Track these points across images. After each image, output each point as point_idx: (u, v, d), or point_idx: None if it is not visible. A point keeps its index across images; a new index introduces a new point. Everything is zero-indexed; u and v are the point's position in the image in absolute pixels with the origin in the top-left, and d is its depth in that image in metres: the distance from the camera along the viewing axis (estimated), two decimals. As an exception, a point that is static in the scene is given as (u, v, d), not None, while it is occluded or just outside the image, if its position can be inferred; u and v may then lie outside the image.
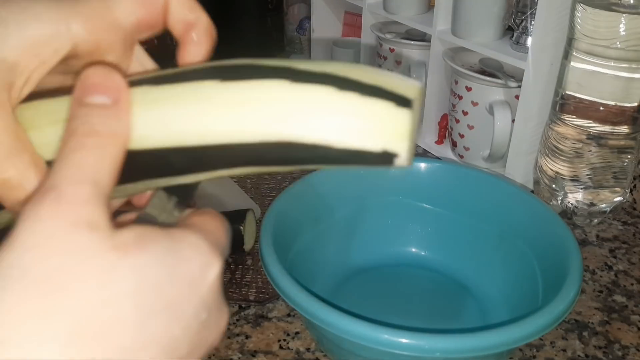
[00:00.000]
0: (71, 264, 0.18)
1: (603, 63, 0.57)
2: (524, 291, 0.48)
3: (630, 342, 0.50)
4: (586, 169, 0.62)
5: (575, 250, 0.44)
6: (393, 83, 0.21)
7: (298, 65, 0.21)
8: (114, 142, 0.21)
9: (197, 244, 0.21)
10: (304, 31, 1.13)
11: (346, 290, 0.54)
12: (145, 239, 0.19)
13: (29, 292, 0.17)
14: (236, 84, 0.21)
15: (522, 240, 0.50)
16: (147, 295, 0.19)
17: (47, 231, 0.18)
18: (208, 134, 0.21)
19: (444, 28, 0.75)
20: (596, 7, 0.56)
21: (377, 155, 0.20)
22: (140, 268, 0.19)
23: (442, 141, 0.83)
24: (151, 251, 0.19)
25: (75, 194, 0.19)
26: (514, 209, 0.52)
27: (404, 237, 0.58)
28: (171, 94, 0.21)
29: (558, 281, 0.41)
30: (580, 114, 0.61)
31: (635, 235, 0.65)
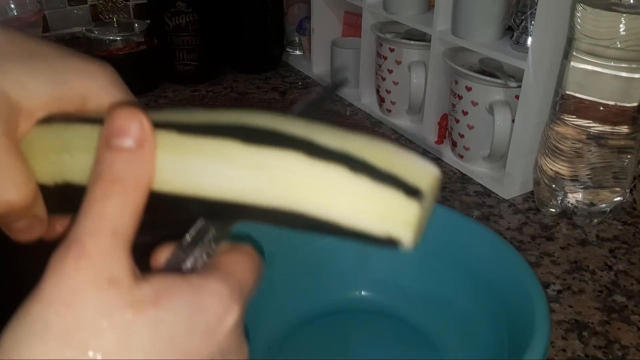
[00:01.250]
0: (90, 320, 0.19)
1: (603, 63, 0.57)
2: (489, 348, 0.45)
3: (630, 342, 0.50)
4: (586, 169, 0.62)
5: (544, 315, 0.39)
6: (408, 169, 0.21)
7: (318, 139, 0.22)
8: (137, 189, 0.22)
9: (218, 292, 0.22)
10: (304, 31, 1.13)
11: (295, 341, 0.49)
12: (164, 294, 0.20)
13: (51, 344, 0.19)
14: (257, 148, 0.22)
15: (494, 294, 0.46)
16: (163, 349, 0.20)
17: (70, 286, 0.19)
18: (225, 190, 0.22)
19: (444, 28, 0.76)
20: (596, 7, 0.56)
21: (381, 239, 0.21)
22: (155, 324, 0.20)
23: (442, 141, 0.83)
24: (168, 306, 0.20)
25: (96, 246, 0.20)
26: (488, 257, 0.46)
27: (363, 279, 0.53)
28: (196, 145, 0.22)
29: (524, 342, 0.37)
30: (580, 114, 0.61)
31: (635, 235, 0.65)
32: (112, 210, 0.21)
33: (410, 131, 0.87)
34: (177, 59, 1.03)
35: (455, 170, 0.78)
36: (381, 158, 0.21)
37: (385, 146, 0.22)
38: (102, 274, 0.20)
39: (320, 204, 0.21)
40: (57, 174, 0.25)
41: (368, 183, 0.21)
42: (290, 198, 0.21)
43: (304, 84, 1.08)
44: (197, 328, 0.21)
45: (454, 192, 0.73)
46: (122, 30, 1.02)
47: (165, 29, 1.00)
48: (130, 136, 0.22)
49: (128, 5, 1.16)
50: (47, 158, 0.25)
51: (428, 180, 0.22)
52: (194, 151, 0.22)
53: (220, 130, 0.23)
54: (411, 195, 0.21)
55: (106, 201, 0.21)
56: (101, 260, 0.20)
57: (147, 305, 0.20)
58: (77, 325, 0.19)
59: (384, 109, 0.92)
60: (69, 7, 1.12)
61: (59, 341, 0.19)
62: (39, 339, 0.19)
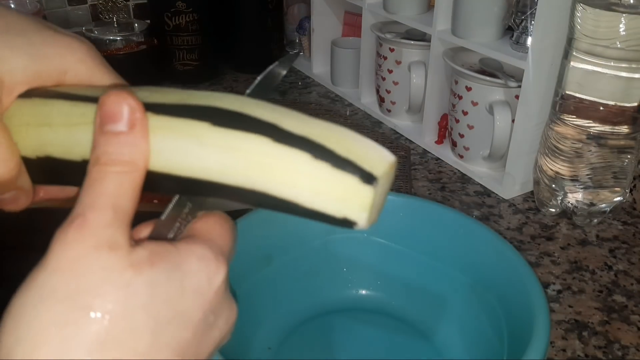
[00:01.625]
0: (92, 283, 0.20)
1: (603, 63, 0.57)
2: (490, 348, 0.44)
3: (630, 342, 0.50)
4: (586, 169, 0.62)
5: (544, 315, 0.39)
6: (366, 156, 0.23)
7: (283, 124, 0.23)
8: (132, 168, 0.23)
9: (203, 255, 0.23)
10: (304, 31, 1.13)
11: (294, 341, 0.49)
12: (156, 257, 0.22)
13: (57, 308, 0.20)
14: (225, 131, 0.23)
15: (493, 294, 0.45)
16: (159, 306, 0.21)
17: (73, 254, 0.21)
18: (195, 169, 0.24)
19: (444, 28, 0.76)
20: (596, 7, 0.56)
21: (338, 220, 0.23)
22: (152, 283, 0.21)
23: (442, 141, 0.83)
24: (161, 267, 0.22)
25: (97, 219, 0.21)
26: (488, 258, 0.46)
27: (362, 278, 0.53)
28: (170, 126, 0.24)
29: (523, 343, 0.38)
30: (580, 113, 0.61)
31: (635, 235, 0.65)
32: (111, 188, 0.22)
33: (410, 131, 0.87)
34: (177, 59, 1.03)
35: (455, 170, 0.78)
36: (341, 144, 0.23)
37: (345, 132, 0.24)
38: (102, 241, 0.21)
39: (283, 186, 0.23)
40: (38, 148, 0.26)
41: (328, 168, 0.23)
42: (255, 179, 0.23)
43: (304, 84, 1.08)
44: (189, 288, 0.22)
45: (454, 192, 0.73)
46: (122, 30, 1.02)
47: (165, 29, 1.00)
48: (121, 120, 0.23)
49: (128, 5, 1.16)
50: (28, 132, 0.26)
51: (383, 167, 0.23)
52: (168, 132, 0.24)
53: (192, 111, 0.24)
54: (366, 180, 0.23)
55: (105, 181, 0.22)
56: (102, 230, 0.21)
57: (144, 266, 0.21)
58: (80, 289, 0.20)
59: (384, 109, 0.92)
60: (69, 7, 1.12)
61: (64, 305, 0.20)
62: (45, 303, 0.20)
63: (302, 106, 0.95)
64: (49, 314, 0.20)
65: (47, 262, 0.21)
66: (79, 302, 0.20)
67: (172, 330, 0.22)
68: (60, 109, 0.25)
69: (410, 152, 0.83)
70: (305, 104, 0.96)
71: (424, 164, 0.80)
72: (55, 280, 0.20)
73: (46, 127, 0.25)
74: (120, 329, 0.20)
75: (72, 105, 0.25)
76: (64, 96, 0.26)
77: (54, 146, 0.26)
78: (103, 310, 0.20)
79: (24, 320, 0.20)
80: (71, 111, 0.25)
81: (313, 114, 0.25)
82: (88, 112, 0.25)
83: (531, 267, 0.43)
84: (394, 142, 0.85)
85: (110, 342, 0.20)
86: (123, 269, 0.21)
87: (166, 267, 0.22)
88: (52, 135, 0.25)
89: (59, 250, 0.21)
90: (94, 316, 0.20)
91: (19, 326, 0.20)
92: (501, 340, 0.43)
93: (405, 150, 0.83)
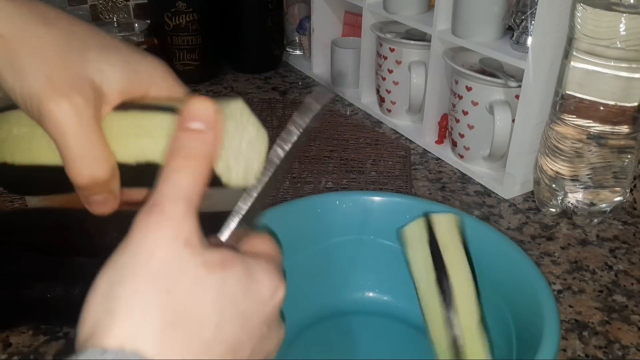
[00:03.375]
0: (170, 270, 0.23)
1: (603, 63, 0.57)
2: (497, 350, 0.43)
3: (631, 342, 0.50)
4: (586, 169, 0.62)
5: (553, 314, 0.39)
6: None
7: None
8: (206, 163, 0.26)
9: (269, 270, 0.27)
10: (304, 31, 1.13)
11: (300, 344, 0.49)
12: (228, 262, 0.25)
13: (139, 287, 0.23)
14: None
15: (499, 295, 0.45)
16: (225, 304, 0.24)
17: (154, 240, 0.24)
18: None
19: (444, 28, 0.76)
20: (596, 7, 0.56)
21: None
22: (222, 283, 0.24)
23: (442, 141, 0.83)
24: (231, 272, 0.25)
25: (174, 210, 0.24)
26: (494, 259, 0.46)
27: (367, 281, 0.53)
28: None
29: (533, 343, 0.37)
30: (580, 113, 0.61)
31: (635, 235, 0.65)
32: (186, 181, 0.25)
33: (411, 131, 0.87)
34: (177, 59, 1.03)
35: (455, 170, 0.78)
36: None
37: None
38: (179, 235, 0.24)
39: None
40: (139, 154, 0.29)
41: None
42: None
43: (304, 84, 1.08)
44: (253, 296, 0.25)
45: (454, 191, 0.73)
46: (122, 30, 1.02)
47: (165, 28, 1.00)
48: (202, 120, 0.26)
49: (128, 5, 1.16)
50: (128, 140, 0.29)
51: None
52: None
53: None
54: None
55: (182, 173, 0.25)
56: (179, 223, 0.24)
57: (216, 268, 0.24)
58: (159, 273, 0.23)
59: (384, 109, 0.92)
60: (69, 7, 1.12)
61: (146, 284, 0.23)
62: (128, 282, 0.23)
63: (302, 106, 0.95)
64: (133, 291, 0.23)
65: (129, 245, 0.24)
66: (158, 285, 0.23)
67: (233, 328, 0.24)
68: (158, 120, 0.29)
69: (411, 152, 0.83)
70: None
71: (424, 164, 0.80)
72: (137, 262, 0.23)
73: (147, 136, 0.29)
74: (190, 316, 0.23)
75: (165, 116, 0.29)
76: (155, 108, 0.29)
77: (154, 153, 0.29)
78: (178, 296, 0.23)
79: (110, 296, 0.23)
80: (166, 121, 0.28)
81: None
82: None
83: (538, 268, 0.42)
84: (394, 142, 0.85)
85: (180, 324, 0.23)
86: (197, 266, 0.24)
87: (235, 273, 0.25)
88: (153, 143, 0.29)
89: (141, 234, 0.24)
90: (171, 299, 0.23)
91: (106, 300, 0.23)
92: (509, 342, 0.42)
93: (405, 150, 0.83)
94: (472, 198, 0.72)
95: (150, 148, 0.29)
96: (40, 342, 0.50)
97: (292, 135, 0.30)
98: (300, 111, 0.30)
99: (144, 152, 0.29)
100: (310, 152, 0.82)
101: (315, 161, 0.79)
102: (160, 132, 0.29)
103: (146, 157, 0.29)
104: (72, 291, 0.48)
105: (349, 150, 0.82)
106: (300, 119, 0.30)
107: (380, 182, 0.75)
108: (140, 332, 0.22)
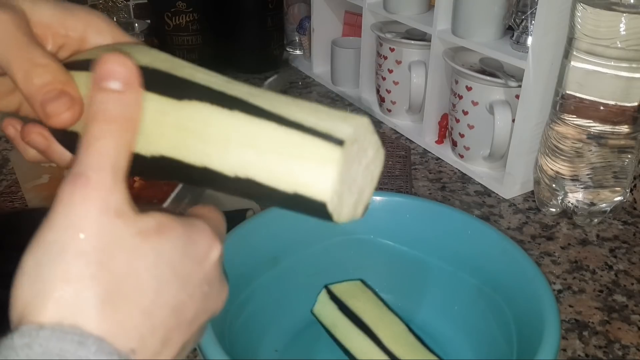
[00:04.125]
0: (103, 243, 0.22)
1: (603, 63, 0.57)
2: (498, 350, 0.44)
3: (631, 341, 0.50)
4: (586, 169, 0.62)
5: (553, 313, 0.39)
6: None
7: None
8: (129, 127, 0.24)
9: (204, 229, 0.26)
10: (304, 31, 1.13)
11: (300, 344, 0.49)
12: (164, 226, 0.24)
13: (69, 264, 0.22)
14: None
15: (500, 295, 0.45)
16: (162, 269, 0.23)
17: (81, 213, 0.22)
18: (183, 152, 0.25)
19: (444, 28, 0.76)
20: (596, 7, 0.56)
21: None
22: (157, 249, 0.23)
23: (442, 141, 0.83)
24: (168, 235, 0.24)
25: (100, 180, 0.23)
26: (495, 259, 0.46)
27: (368, 281, 0.52)
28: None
29: (534, 342, 0.38)
30: (580, 113, 0.61)
31: (635, 235, 0.65)
32: (110, 147, 0.23)
33: (411, 131, 0.87)
34: (177, 59, 1.03)
35: (455, 170, 0.78)
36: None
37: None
38: (109, 206, 0.22)
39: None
40: (173, 149, 0.27)
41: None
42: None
43: (304, 84, 1.08)
44: (190, 257, 0.25)
45: (454, 191, 0.73)
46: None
47: (166, 28, 1.00)
48: (118, 79, 0.24)
49: (128, 5, 1.16)
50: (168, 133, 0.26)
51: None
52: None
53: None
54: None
55: (104, 139, 0.23)
56: (106, 193, 0.23)
57: (151, 234, 0.23)
58: (91, 247, 0.22)
59: (384, 109, 0.92)
60: (69, 7, 1.12)
61: (77, 261, 0.22)
62: (58, 260, 0.22)
63: (302, 106, 0.95)
64: (64, 269, 0.21)
65: (54, 221, 0.22)
66: (91, 260, 0.22)
67: (172, 290, 0.24)
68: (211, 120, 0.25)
69: (411, 151, 0.83)
70: (305, 104, 0.96)
71: (424, 164, 0.80)
72: (66, 239, 0.22)
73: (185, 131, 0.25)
74: (127, 286, 0.22)
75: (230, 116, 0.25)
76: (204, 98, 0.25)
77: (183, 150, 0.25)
78: (113, 268, 0.22)
79: (40, 276, 0.22)
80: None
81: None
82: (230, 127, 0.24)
83: (539, 268, 0.43)
84: (394, 142, 0.85)
85: (118, 297, 0.22)
86: (131, 235, 0.23)
87: (171, 236, 0.24)
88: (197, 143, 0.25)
89: (66, 209, 0.22)
90: (106, 272, 0.22)
91: (36, 281, 0.22)
92: (509, 341, 0.42)
93: (405, 150, 0.83)
94: (472, 198, 0.72)
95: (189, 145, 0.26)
96: (41, 342, 0.50)
97: None
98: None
99: (176, 147, 0.26)
100: (311, 152, 0.82)
101: (315, 161, 0.79)
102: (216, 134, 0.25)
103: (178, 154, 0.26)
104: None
105: (349, 150, 0.82)
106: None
107: (380, 182, 0.75)
108: (77, 308, 0.21)
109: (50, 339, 0.20)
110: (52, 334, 0.20)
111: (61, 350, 0.20)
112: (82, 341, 0.21)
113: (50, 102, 0.26)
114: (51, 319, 0.21)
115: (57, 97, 0.26)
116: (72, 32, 0.29)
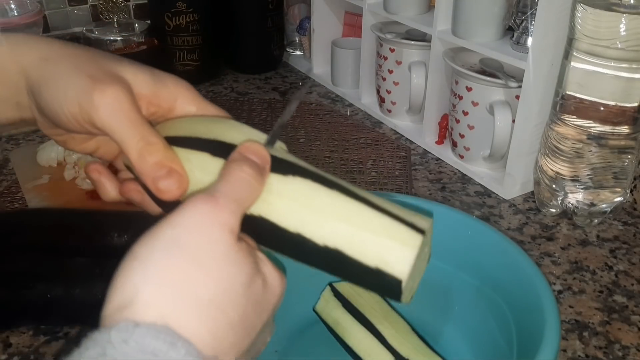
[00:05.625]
0: (212, 249, 0.25)
1: (603, 63, 0.57)
2: (498, 350, 0.44)
3: (631, 342, 0.50)
4: (586, 169, 0.62)
5: (554, 314, 0.39)
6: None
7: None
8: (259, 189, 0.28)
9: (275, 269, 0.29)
10: (304, 31, 1.13)
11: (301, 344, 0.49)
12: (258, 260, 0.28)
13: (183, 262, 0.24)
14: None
15: (500, 295, 0.45)
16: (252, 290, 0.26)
17: (201, 220, 0.25)
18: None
19: (444, 28, 0.76)
20: (596, 7, 0.56)
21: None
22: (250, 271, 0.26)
23: (442, 141, 0.83)
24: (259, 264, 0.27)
25: (226, 204, 0.26)
26: (495, 259, 0.46)
27: None
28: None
29: (534, 343, 0.37)
30: (580, 114, 0.61)
31: (635, 236, 0.65)
32: (241, 188, 0.27)
33: (411, 131, 0.87)
34: (177, 59, 1.03)
35: (455, 171, 0.78)
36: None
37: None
38: (227, 223, 0.26)
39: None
40: None
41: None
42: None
43: (304, 84, 1.08)
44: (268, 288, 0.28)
45: (454, 192, 0.73)
46: (122, 31, 1.02)
47: (166, 29, 1.00)
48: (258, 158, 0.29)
49: (128, 6, 1.16)
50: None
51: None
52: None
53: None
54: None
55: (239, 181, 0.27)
56: (228, 215, 0.26)
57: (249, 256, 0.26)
58: (201, 250, 0.24)
59: (384, 109, 0.92)
60: (69, 8, 1.12)
61: (185, 258, 0.24)
62: (169, 253, 0.24)
63: (302, 106, 0.95)
64: (175, 265, 0.24)
65: (175, 220, 0.25)
66: (197, 261, 0.24)
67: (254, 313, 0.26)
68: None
69: (411, 152, 0.83)
70: (305, 104, 0.96)
71: (424, 164, 0.80)
72: (184, 238, 0.24)
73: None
74: (225, 298, 0.25)
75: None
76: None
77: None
78: (214, 275, 0.24)
79: (152, 263, 0.24)
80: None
81: (313, 114, 0.27)
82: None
83: (539, 268, 0.42)
84: (394, 143, 0.85)
85: (215, 306, 0.24)
86: (237, 250, 0.26)
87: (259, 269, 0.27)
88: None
89: (189, 213, 0.25)
90: (210, 280, 0.24)
91: (147, 267, 0.24)
92: (509, 342, 0.42)
93: (405, 150, 0.83)
94: (472, 198, 0.72)
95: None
96: (40, 342, 0.50)
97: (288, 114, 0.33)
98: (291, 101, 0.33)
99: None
100: (311, 152, 0.82)
101: (315, 161, 0.79)
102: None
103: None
104: (72, 291, 0.48)
105: (349, 150, 0.82)
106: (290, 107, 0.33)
107: (380, 182, 0.75)
108: (176, 309, 0.23)
109: (145, 336, 0.22)
110: (147, 332, 0.22)
111: (155, 349, 0.22)
112: (174, 342, 0.22)
113: (162, 180, 0.29)
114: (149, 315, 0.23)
115: (168, 175, 0.29)
116: (164, 103, 0.33)
